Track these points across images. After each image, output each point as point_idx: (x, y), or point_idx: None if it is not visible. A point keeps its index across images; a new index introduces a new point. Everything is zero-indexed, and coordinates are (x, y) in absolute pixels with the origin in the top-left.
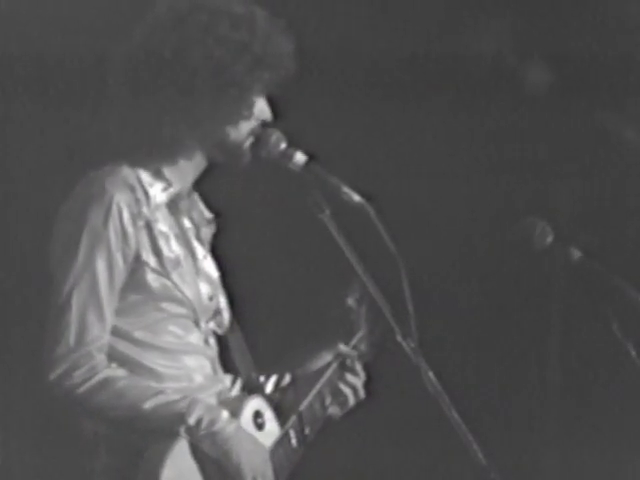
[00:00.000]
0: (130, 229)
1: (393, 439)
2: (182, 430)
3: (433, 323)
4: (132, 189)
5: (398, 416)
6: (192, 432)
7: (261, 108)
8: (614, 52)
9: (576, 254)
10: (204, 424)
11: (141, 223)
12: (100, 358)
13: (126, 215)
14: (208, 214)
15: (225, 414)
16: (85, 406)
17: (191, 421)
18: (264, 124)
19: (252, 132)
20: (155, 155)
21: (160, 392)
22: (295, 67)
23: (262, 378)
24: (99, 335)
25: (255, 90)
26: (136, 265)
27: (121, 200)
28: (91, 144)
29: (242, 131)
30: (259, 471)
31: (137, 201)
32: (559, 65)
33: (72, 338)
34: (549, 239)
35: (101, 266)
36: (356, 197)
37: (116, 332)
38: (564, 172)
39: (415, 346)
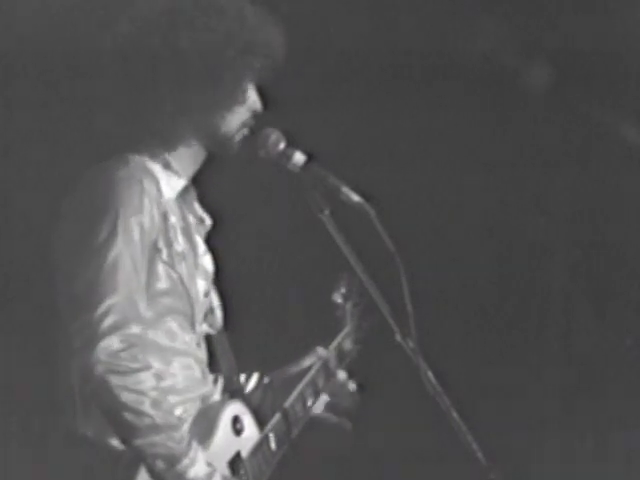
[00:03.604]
0: (156, 214)
1: (392, 439)
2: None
3: (433, 323)
4: (154, 177)
5: (397, 416)
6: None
7: (252, 98)
8: (614, 50)
9: (577, 253)
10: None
11: (161, 211)
12: (142, 351)
13: (153, 201)
14: (202, 213)
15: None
16: (111, 396)
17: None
18: (255, 115)
19: (244, 123)
20: (155, 145)
21: (179, 421)
22: (284, 56)
23: (243, 377)
24: (143, 314)
25: (247, 76)
26: (153, 252)
27: (149, 185)
28: (90, 139)
29: (235, 119)
30: None
31: (158, 189)
32: (558, 63)
33: (122, 309)
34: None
35: (139, 243)
36: (355, 197)
37: None
38: (563, 171)
39: (414, 346)
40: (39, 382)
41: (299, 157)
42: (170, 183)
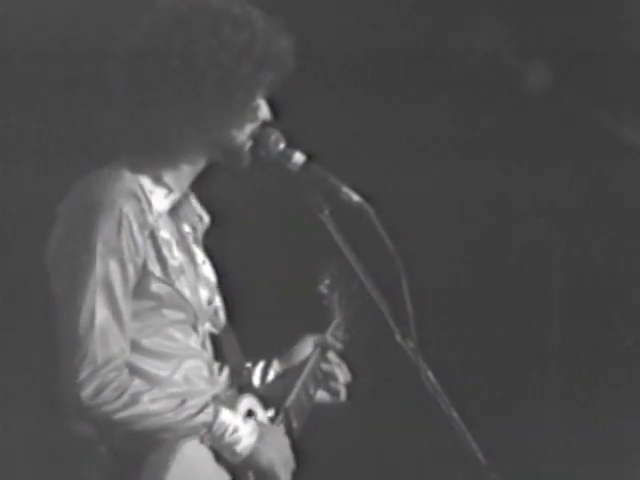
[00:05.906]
0: (139, 239)
1: (393, 439)
2: (207, 439)
3: (433, 323)
4: (138, 199)
5: (398, 416)
6: (216, 440)
7: (261, 109)
8: (613, 50)
9: (577, 253)
10: (228, 432)
11: (146, 232)
12: (126, 372)
13: (135, 226)
14: (200, 210)
15: (244, 420)
16: (113, 421)
17: (216, 430)
18: (263, 124)
19: (252, 133)
20: (158, 161)
21: (183, 401)
22: (294, 66)
23: (249, 365)
24: (123, 348)
25: (259, 93)
26: (142, 274)
27: (130, 211)
28: (93, 148)
29: (245, 133)
30: (286, 458)
31: (142, 211)
32: (558, 63)
33: (99, 354)
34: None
35: (117, 278)
36: (355, 197)
37: None
38: (563, 170)
39: (414, 346)
40: (39, 382)
41: (299, 157)
42: (162, 198)
